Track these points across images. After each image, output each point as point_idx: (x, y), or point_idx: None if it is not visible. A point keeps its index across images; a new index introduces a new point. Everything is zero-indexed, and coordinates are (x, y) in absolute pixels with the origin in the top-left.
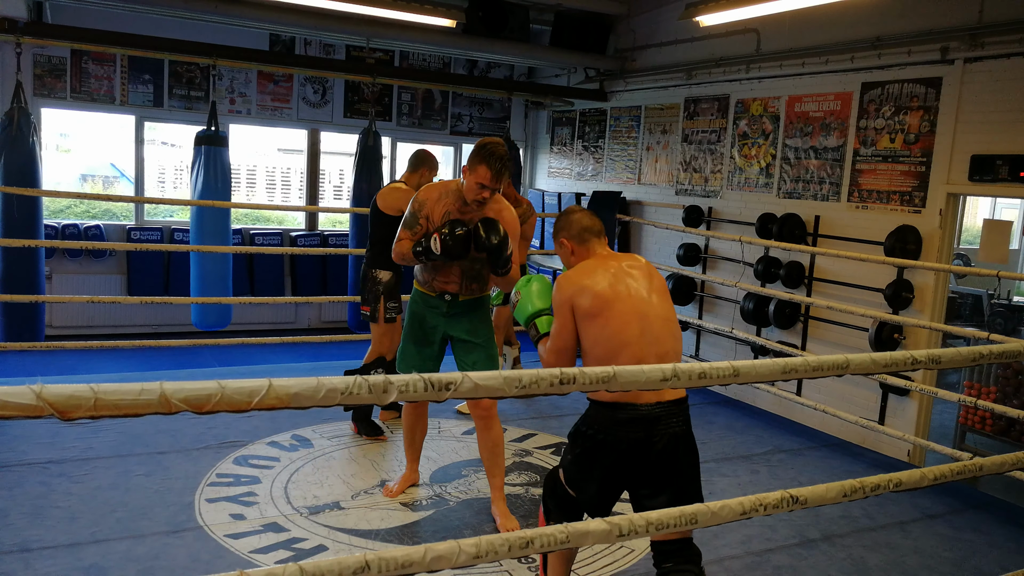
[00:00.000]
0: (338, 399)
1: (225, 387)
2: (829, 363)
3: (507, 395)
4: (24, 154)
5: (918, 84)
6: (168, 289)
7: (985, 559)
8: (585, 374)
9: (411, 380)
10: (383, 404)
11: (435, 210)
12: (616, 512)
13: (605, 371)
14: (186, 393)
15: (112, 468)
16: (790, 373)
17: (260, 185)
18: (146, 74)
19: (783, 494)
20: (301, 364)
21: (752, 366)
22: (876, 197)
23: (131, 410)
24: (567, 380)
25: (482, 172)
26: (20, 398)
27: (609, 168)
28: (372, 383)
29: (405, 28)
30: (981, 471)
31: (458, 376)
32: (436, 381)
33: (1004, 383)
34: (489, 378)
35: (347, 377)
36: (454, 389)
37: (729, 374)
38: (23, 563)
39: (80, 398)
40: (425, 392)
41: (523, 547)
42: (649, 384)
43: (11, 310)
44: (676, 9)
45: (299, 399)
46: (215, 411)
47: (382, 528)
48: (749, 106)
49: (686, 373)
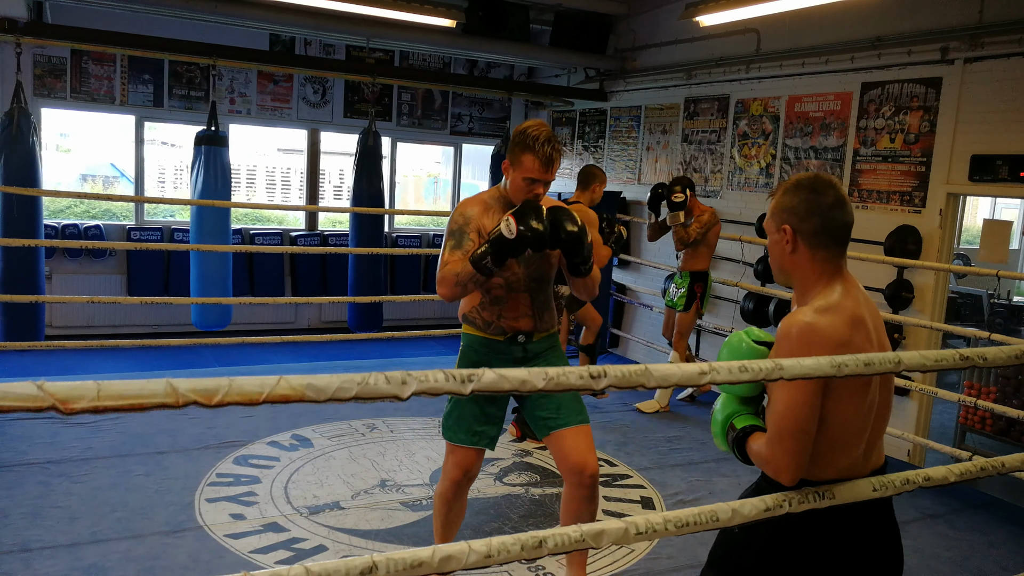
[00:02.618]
0: (354, 391)
1: (233, 381)
2: (879, 359)
3: (535, 388)
4: (24, 154)
5: (918, 84)
6: (168, 289)
7: (985, 559)
8: (618, 369)
9: (431, 374)
10: (403, 397)
11: (484, 222)
12: (623, 513)
13: (638, 368)
14: (194, 384)
15: (112, 468)
16: (840, 367)
17: (260, 185)
18: (146, 74)
19: (810, 490)
20: (301, 364)
21: (798, 363)
22: (876, 197)
23: (136, 401)
24: (597, 375)
25: (528, 163)
26: (22, 390)
27: (609, 168)
28: (389, 376)
29: (405, 28)
30: (1004, 467)
31: (481, 369)
32: (457, 374)
33: (1004, 383)
34: (513, 372)
35: (364, 373)
36: (476, 381)
37: (773, 367)
38: (23, 563)
39: (83, 389)
40: (447, 383)
41: (536, 547)
42: (686, 380)
43: (11, 310)
44: (676, 9)
45: (312, 389)
46: (225, 403)
47: (382, 528)
48: (749, 106)
49: (724, 369)
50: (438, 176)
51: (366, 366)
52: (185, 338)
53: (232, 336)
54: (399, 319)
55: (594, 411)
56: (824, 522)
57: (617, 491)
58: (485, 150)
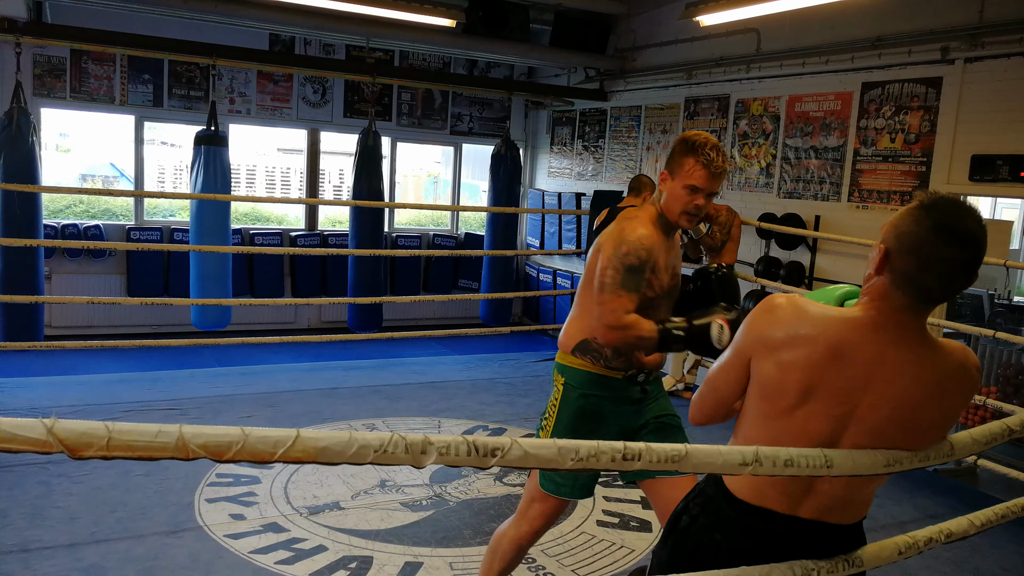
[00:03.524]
0: (371, 457)
1: (249, 435)
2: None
3: (561, 467)
4: (23, 154)
5: (918, 84)
6: (168, 289)
7: (985, 559)
8: (652, 450)
9: (453, 441)
10: (421, 466)
11: (659, 257)
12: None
13: (677, 449)
14: (205, 439)
15: (112, 468)
16: (893, 466)
17: (260, 185)
18: (146, 74)
19: (840, 559)
20: (301, 364)
21: (848, 455)
22: (876, 197)
23: (145, 453)
24: (632, 456)
25: (693, 169)
26: (30, 432)
27: (609, 168)
28: (410, 442)
29: (405, 28)
30: (1022, 511)
31: (506, 441)
32: (481, 445)
33: (1004, 383)
34: (541, 447)
35: (382, 434)
36: (500, 455)
37: (822, 464)
38: (23, 563)
39: (92, 436)
40: (468, 457)
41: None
42: (727, 468)
43: (11, 310)
44: (676, 9)
45: (327, 454)
46: (236, 460)
47: (382, 528)
48: (749, 106)
49: (770, 458)
50: (438, 176)
51: (365, 366)
52: (185, 338)
53: (232, 336)
54: (399, 319)
55: None
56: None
57: (617, 491)
58: (485, 150)
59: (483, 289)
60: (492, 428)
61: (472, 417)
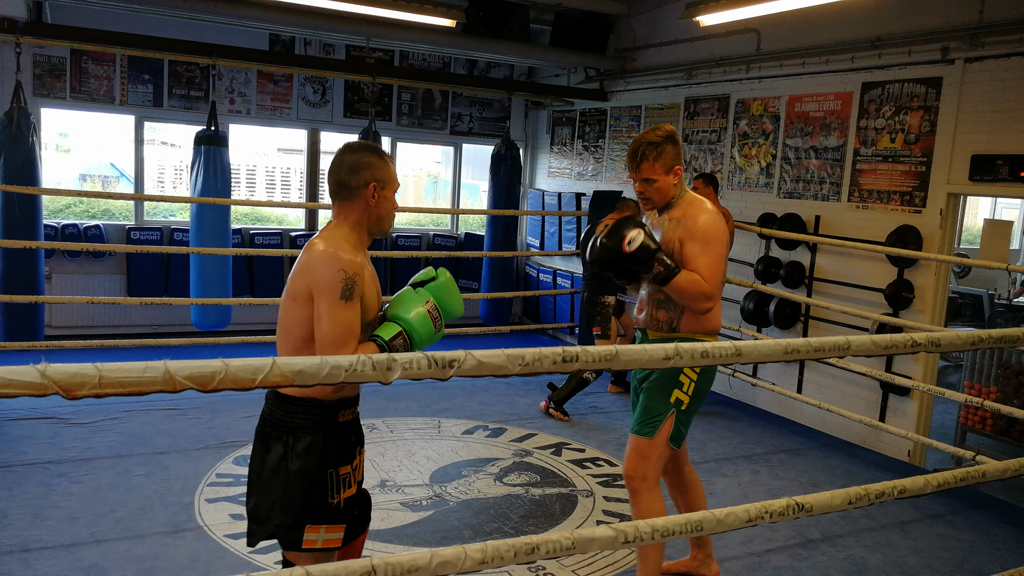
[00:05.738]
0: (342, 376)
1: (229, 364)
2: (831, 344)
3: (510, 373)
4: (23, 154)
5: (918, 84)
6: (168, 289)
7: (985, 559)
8: (588, 352)
9: (414, 357)
10: (387, 382)
11: None
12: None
13: (608, 350)
14: (191, 370)
15: (112, 468)
16: (792, 353)
17: (260, 185)
18: (146, 74)
19: (789, 501)
20: None
21: (754, 346)
22: (876, 197)
23: (135, 387)
24: (570, 358)
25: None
26: (24, 376)
27: (609, 168)
28: (376, 360)
29: (405, 28)
30: (984, 477)
31: (461, 354)
32: (439, 359)
33: (1004, 383)
34: (492, 356)
35: (352, 355)
36: (457, 367)
37: (731, 353)
38: (23, 563)
39: (85, 376)
40: (429, 369)
41: (528, 553)
42: (652, 363)
43: (11, 310)
44: (676, 9)
45: (303, 376)
46: (219, 389)
47: (382, 528)
48: (749, 106)
49: (688, 352)
50: (438, 176)
51: None
52: (185, 338)
53: (232, 336)
54: None
55: (594, 411)
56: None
57: (617, 491)
58: (485, 150)
59: (483, 289)
60: (492, 428)
61: (472, 417)
